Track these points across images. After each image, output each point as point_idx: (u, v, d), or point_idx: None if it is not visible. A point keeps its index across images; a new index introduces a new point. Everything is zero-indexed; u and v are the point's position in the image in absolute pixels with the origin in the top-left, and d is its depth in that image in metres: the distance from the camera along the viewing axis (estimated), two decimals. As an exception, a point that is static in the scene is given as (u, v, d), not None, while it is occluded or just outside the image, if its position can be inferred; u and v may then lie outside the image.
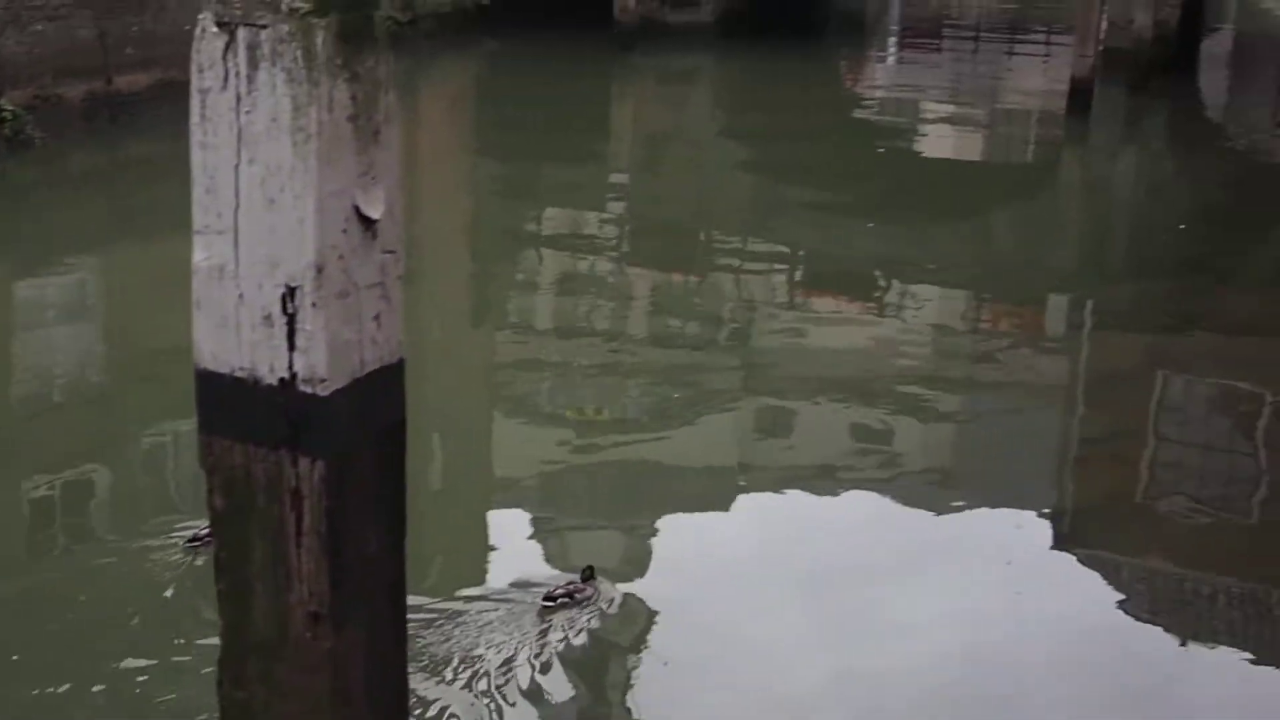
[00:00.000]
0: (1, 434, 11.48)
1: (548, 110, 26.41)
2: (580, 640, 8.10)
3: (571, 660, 7.87)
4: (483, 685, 7.52)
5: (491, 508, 10.46)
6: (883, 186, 20.95)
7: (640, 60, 30.27)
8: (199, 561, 8.40)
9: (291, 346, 3.94)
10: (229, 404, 4.09)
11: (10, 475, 10.37)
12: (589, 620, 8.29)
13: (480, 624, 8.16)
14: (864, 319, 15.33)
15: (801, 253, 17.53)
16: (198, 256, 3.99)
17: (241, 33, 3.70)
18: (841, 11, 40.32)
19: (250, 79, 3.72)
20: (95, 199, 19.28)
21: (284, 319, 3.92)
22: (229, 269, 3.95)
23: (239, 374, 4.04)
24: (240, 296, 3.96)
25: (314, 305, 3.87)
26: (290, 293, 3.88)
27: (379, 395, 4.19)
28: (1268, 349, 13.83)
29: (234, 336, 4.01)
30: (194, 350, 4.08)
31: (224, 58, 3.73)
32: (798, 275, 16.63)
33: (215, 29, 3.72)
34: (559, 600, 8.38)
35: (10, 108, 19.21)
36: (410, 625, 4.86)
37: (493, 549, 9.71)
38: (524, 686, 7.57)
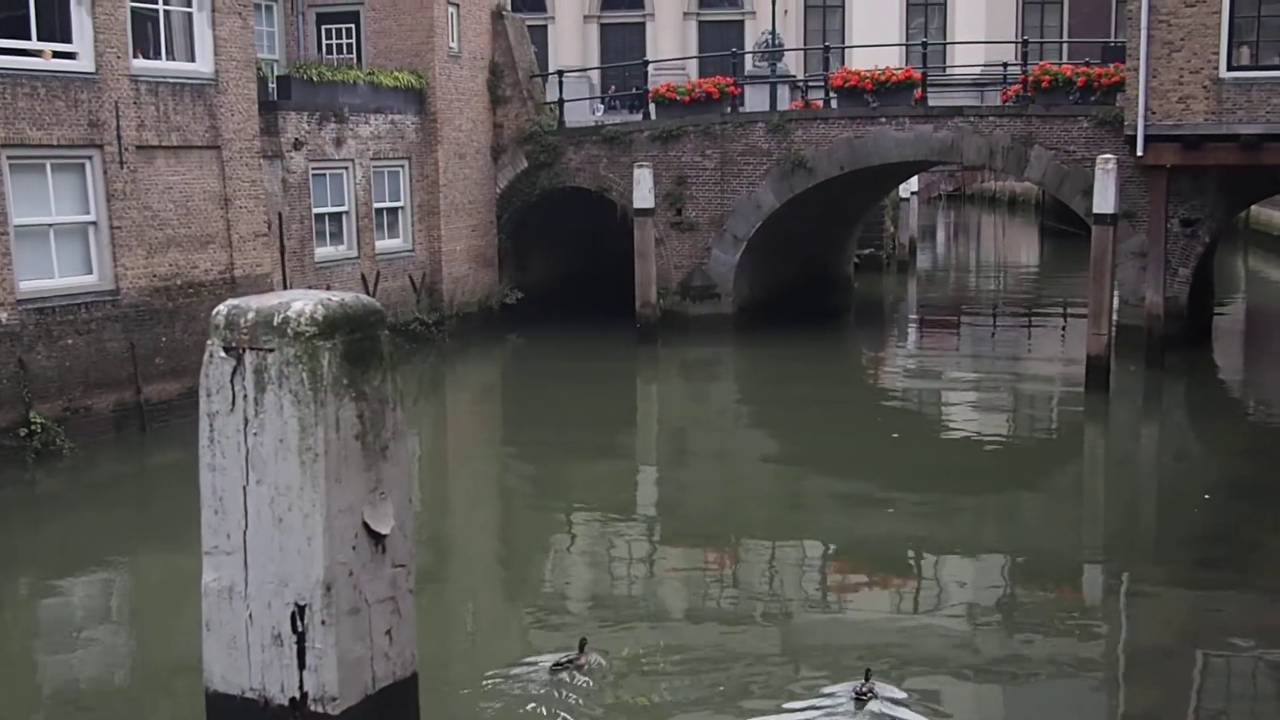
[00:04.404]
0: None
1: (573, 400, 26.83)
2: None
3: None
4: None
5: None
6: (905, 468, 20.96)
7: (663, 351, 30.73)
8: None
9: (302, 665, 3.91)
10: (240, 726, 4.04)
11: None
12: None
13: None
14: (897, 600, 15.29)
15: (830, 537, 17.51)
16: (207, 577, 4.00)
17: (248, 357, 3.77)
18: (859, 298, 41.04)
19: (258, 401, 3.78)
20: (122, 507, 19.41)
21: (294, 638, 3.90)
22: (238, 589, 3.94)
23: (249, 695, 4.00)
24: (250, 616, 3.94)
25: (323, 623, 3.86)
26: (300, 611, 3.87)
27: (392, 712, 4.13)
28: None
29: (244, 657, 3.98)
30: (204, 672, 4.05)
31: (231, 382, 3.79)
32: (829, 556, 16.61)
33: (223, 354, 3.80)
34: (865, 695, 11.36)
35: (40, 420, 19.54)
36: None
37: None
38: None
